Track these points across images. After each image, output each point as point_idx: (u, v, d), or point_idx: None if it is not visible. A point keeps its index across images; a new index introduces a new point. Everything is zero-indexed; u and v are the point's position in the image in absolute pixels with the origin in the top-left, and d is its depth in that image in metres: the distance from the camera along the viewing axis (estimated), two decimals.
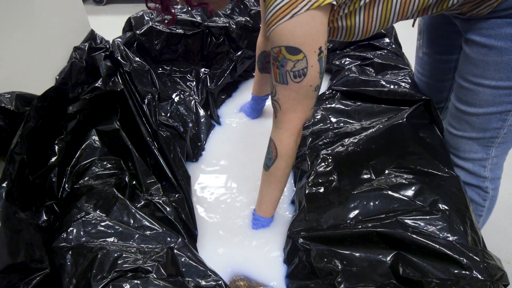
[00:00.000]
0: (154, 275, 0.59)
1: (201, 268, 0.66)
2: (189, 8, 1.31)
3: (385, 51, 1.27)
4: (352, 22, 0.72)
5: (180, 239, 0.71)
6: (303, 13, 0.63)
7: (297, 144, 0.79)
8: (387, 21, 0.73)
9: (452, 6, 0.72)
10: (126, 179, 0.88)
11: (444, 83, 1.01)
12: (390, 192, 0.77)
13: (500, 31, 0.70)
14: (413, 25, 0.80)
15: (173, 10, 0.73)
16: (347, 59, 1.30)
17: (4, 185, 0.63)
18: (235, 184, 1.02)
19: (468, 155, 0.85)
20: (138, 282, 0.57)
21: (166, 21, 0.78)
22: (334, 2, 0.64)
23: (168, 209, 0.82)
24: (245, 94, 1.38)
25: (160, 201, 0.84)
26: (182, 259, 0.66)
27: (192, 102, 1.20)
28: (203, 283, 0.64)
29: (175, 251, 0.67)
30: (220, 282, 0.65)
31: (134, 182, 0.89)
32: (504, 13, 0.69)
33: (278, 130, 0.77)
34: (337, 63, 1.31)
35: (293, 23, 0.64)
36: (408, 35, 1.61)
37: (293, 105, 0.73)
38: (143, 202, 0.83)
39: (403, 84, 1.06)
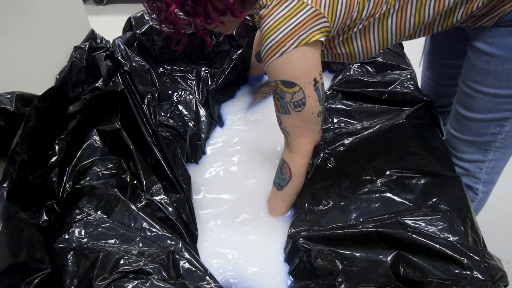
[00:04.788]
0: (156, 277, 0.59)
1: (200, 273, 0.66)
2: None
3: (387, 50, 1.27)
4: (351, 48, 0.75)
5: (180, 242, 0.71)
6: (291, 51, 0.66)
7: (309, 163, 0.83)
8: (386, 41, 0.75)
9: (457, 22, 0.73)
10: (128, 179, 0.88)
11: (451, 87, 1.00)
12: (391, 193, 0.77)
13: (503, 40, 0.70)
14: None
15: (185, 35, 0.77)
16: None
17: (5, 185, 0.63)
18: (236, 183, 1.02)
19: (465, 156, 0.86)
20: (140, 282, 0.57)
21: (178, 45, 0.85)
22: (322, 39, 0.67)
23: (169, 209, 0.82)
24: (246, 93, 1.38)
25: (162, 201, 0.84)
26: (182, 263, 0.67)
27: (193, 101, 1.20)
28: None
29: (176, 255, 0.67)
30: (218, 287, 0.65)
31: (135, 182, 0.89)
32: (509, 23, 0.69)
33: (291, 154, 0.82)
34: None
35: (284, 60, 0.67)
36: None
37: (300, 131, 0.79)
38: (144, 202, 0.83)
39: (404, 85, 1.06)
